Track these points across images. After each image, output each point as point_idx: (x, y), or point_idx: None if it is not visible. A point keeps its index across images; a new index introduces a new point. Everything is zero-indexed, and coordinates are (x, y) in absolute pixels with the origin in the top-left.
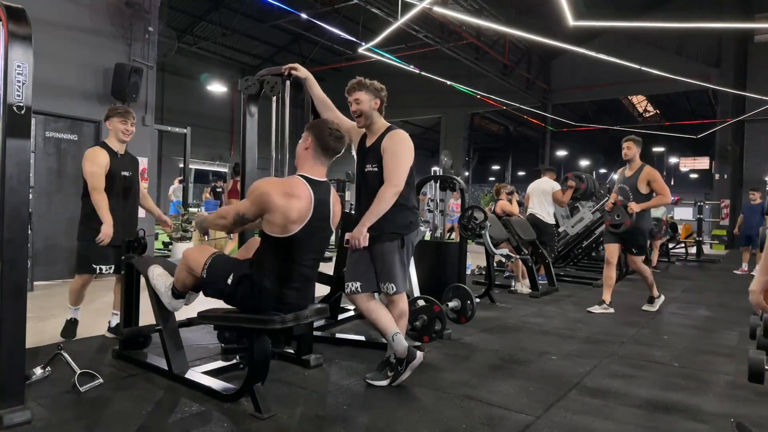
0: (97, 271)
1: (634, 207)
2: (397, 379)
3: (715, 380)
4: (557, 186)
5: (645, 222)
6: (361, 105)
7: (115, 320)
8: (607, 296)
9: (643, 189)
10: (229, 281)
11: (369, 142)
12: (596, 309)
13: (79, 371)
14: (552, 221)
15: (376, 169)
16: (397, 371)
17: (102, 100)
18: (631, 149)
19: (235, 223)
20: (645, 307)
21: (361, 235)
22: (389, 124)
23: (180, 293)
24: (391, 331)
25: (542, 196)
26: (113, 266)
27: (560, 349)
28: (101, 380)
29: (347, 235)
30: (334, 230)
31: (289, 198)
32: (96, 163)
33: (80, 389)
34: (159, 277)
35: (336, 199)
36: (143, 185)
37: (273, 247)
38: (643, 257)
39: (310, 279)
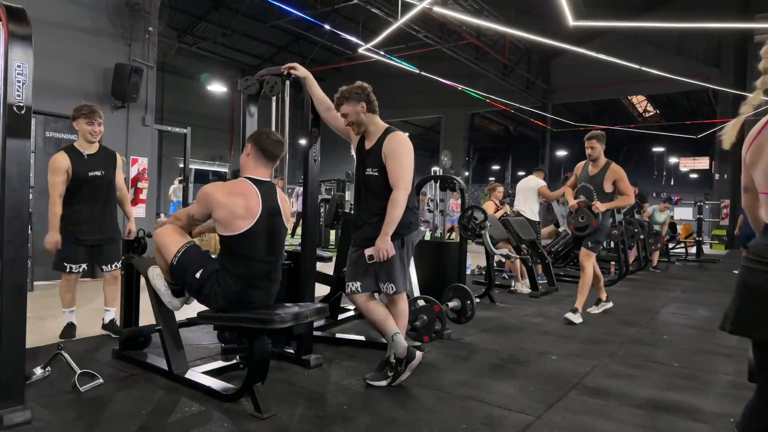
0: (67, 269)
1: (600, 207)
2: (397, 380)
3: (715, 380)
4: (542, 182)
5: (607, 220)
6: (349, 117)
7: (109, 316)
8: (602, 294)
9: (608, 188)
10: (198, 275)
11: (368, 145)
12: (595, 310)
13: (79, 371)
14: (536, 218)
15: (376, 173)
16: (396, 371)
17: (102, 100)
18: (595, 148)
19: (188, 223)
20: (591, 310)
21: (387, 245)
22: (387, 126)
23: (179, 290)
24: (391, 331)
25: (527, 194)
26: (83, 265)
27: (560, 349)
28: (101, 380)
29: (369, 251)
30: (288, 227)
31: (234, 196)
32: (54, 171)
33: (80, 389)
34: (159, 276)
35: (284, 198)
36: (142, 185)
37: (228, 247)
38: (595, 255)
39: (271, 278)
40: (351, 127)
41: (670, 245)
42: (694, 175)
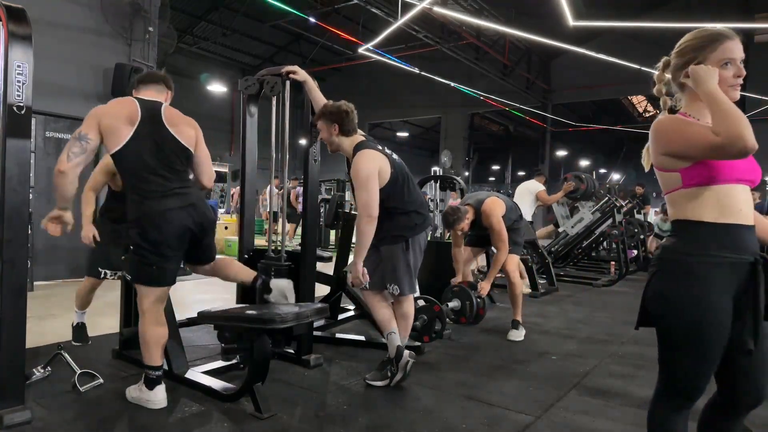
0: (101, 275)
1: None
2: (393, 380)
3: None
4: (541, 187)
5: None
6: (322, 134)
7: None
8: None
9: None
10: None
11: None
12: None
13: (79, 371)
14: (528, 220)
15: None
16: (391, 371)
17: (102, 100)
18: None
19: (86, 159)
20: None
21: (359, 273)
22: (357, 143)
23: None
24: (388, 330)
25: (523, 196)
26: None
27: (560, 349)
28: (101, 380)
29: (350, 278)
30: (175, 136)
31: (110, 107)
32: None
33: (80, 389)
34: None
35: (172, 112)
36: None
37: (126, 170)
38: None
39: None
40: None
41: None
42: None
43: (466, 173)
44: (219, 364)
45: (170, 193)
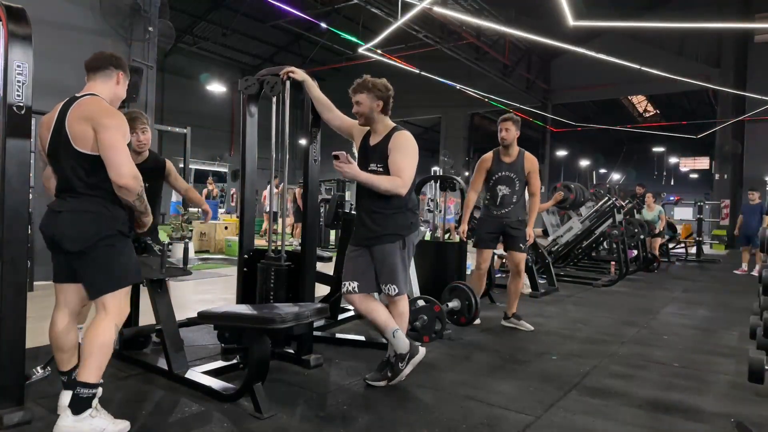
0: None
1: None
2: (397, 377)
3: (715, 380)
4: None
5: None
6: (361, 107)
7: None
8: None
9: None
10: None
11: (373, 141)
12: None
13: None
14: None
15: (381, 169)
16: (396, 368)
17: None
18: (510, 131)
19: (42, 159)
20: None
21: (352, 171)
22: (395, 125)
23: None
24: (392, 328)
25: None
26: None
27: (560, 349)
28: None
29: (340, 160)
30: (68, 136)
31: (50, 113)
32: None
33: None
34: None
35: (80, 107)
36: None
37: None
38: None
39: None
40: (358, 116)
41: (670, 245)
42: (694, 175)
43: (466, 173)
44: (219, 364)
45: (55, 195)
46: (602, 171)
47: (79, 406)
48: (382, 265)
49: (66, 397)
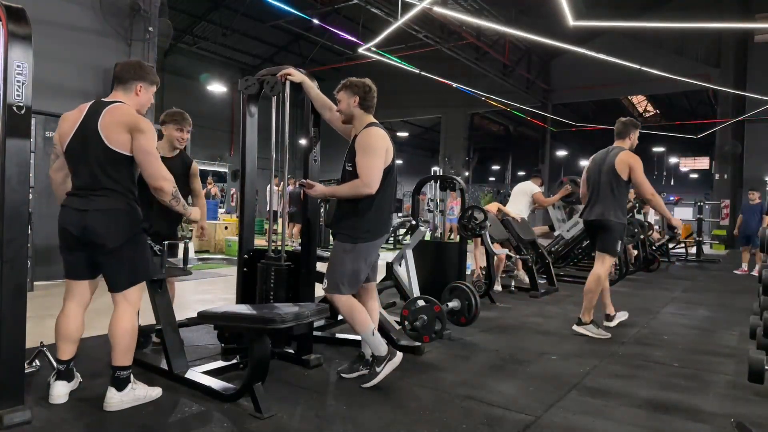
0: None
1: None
2: (373, 379)
3: (715, 380)
4: (537, 189)
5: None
6: (340, 104)
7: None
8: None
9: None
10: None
11: (352, 139)
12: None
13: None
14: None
15: (350, 168)
16: (373, 370)
17: None
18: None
19: (55, 155)
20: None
21: (316, 189)
22: (371, 122)
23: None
24: (370, 328)
25: (518, 196)
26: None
27: (560, 349)
28: (80, 379)
29: (305, 181)
30: (103, 139)
31: (71, 112)
32: None
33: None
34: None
35: (114, 113)
36: None
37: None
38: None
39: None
40: (340, 115)
41: (670, 245)
42: (694, 175)
43: (466, 173)
44: (219, 364)
45: (73, 192)
46: None
47: (121, 384)
48: (330, 257)
49: (60, 386)
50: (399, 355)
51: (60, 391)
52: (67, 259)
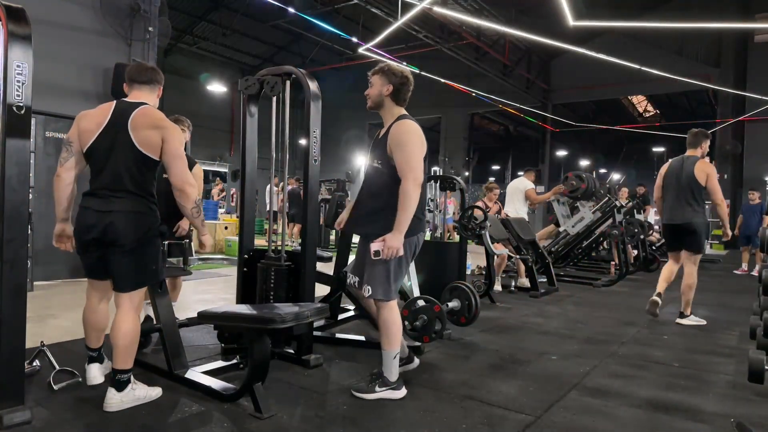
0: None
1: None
2: (365, 394)
3: (715, 380)
4: (530, 185)
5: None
6: (371, 89)
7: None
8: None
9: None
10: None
11: (380, 134)
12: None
13: (57, 368)
14: (525, 219)
15: (379, 165)
16: (372, 386)
17: (102, 100)
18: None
19: (68, 153)
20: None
21: (397, 244)
22: (401, 114)
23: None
24: (395, 351)
25: (513, 194)
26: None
27: (560, 349)
28: (80, 378)
29: (375, 245)
30: (132, 140)
31: (92, 110)
32: None
33: (54, 387)
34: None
35: (145, 113)
36: None
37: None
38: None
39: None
40: (367, 100)
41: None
42: None
43: (466, 173)
44: (219, 364)
45: (91, 193)
46: (602, 171)
47: (120, 386)
48: (367, 263)
49: (94, 369)
50: (404, 390)
51: (95, 373)
52: (85, 261)
